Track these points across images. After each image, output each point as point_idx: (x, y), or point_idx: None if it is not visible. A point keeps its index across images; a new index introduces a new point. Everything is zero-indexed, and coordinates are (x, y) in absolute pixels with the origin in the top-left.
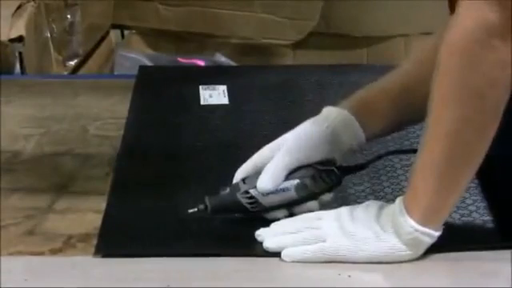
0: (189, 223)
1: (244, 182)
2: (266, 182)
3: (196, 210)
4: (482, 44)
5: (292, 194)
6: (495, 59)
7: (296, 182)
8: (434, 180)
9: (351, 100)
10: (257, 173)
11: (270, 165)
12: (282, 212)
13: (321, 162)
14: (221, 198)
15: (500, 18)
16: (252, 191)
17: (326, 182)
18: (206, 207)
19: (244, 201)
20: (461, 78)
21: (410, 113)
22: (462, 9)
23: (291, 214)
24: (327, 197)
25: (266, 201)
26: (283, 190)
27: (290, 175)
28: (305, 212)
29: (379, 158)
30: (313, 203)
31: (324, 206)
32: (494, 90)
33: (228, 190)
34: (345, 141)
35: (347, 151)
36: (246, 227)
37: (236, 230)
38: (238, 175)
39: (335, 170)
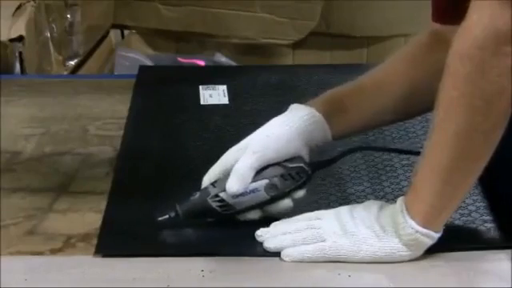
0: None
1: (214, 186)
2: (234, 185)
3: (167, 216)
4: (491, 51)
5: (262, 195)
6: (504, 66)
7: (265, 182)
8: (437, 182)
9: (319, 98)
10: (226, 175)
11: (237, 166)
12: (255, 213)
13: (289, 160)
14: (191, 203)
15: (510, 25)
16: (222, 194)
17: (296, 179)
18: (177, 214)
19: (214, 204)
20: (470, 84)
21: (378, 114)
22: (472, 14)
23: (265, 215)
24: (299, 194)
25: (237, 203)
26: (253, 191)
27: (258, 175)
28: (279, 211)
29: (347, 153)
30: (286, 201)
31: (297, 203)
32: (502, 98)
33: (198, 194)
34: (312, 138)
35: (313, 148)
36: (246, 227)
37: (236, 230)
38: (207, 179)
39: (304, 166)
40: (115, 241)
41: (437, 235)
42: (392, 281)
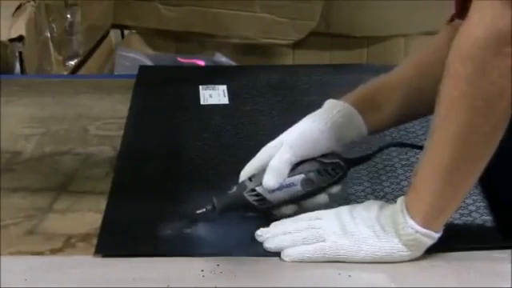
0: (189, 223)
1: (250, 180)
2: (270, 179)
3: (204, 210)
4: (493, 51)
5: (298, 189)
6: (505, 67)
7: (301, 176)
8: (437, 182)
9: (353, 94)
10: (262, 170)
11: (273, 161)
12: (291, 208)
13: (325, 155)
14: (228, 197)
15: (511, 26)
16: (258, 189)
17: (332, 175)
18: (214, 207)
19: (251, 199)
20: (470, 84)
21: (411, 107)
22: (474, 14)
23: (301, 210)
24: (335, 189)
25: (273, 197)
26: (289, 185)
27: (295, 170)
28: (315, 206)
29: (382, 149)
30: (322, 196)
31: (333, 198)
32: (503, 99)
33: (235, 189)
34: (347, 134)
35: (349, 144)
36: (246, 227)
37: (236, 230)
38: (243, 174)
39: (340, 162)
40: (115, 241)
41: (437, 235)
42: (392, 281)
